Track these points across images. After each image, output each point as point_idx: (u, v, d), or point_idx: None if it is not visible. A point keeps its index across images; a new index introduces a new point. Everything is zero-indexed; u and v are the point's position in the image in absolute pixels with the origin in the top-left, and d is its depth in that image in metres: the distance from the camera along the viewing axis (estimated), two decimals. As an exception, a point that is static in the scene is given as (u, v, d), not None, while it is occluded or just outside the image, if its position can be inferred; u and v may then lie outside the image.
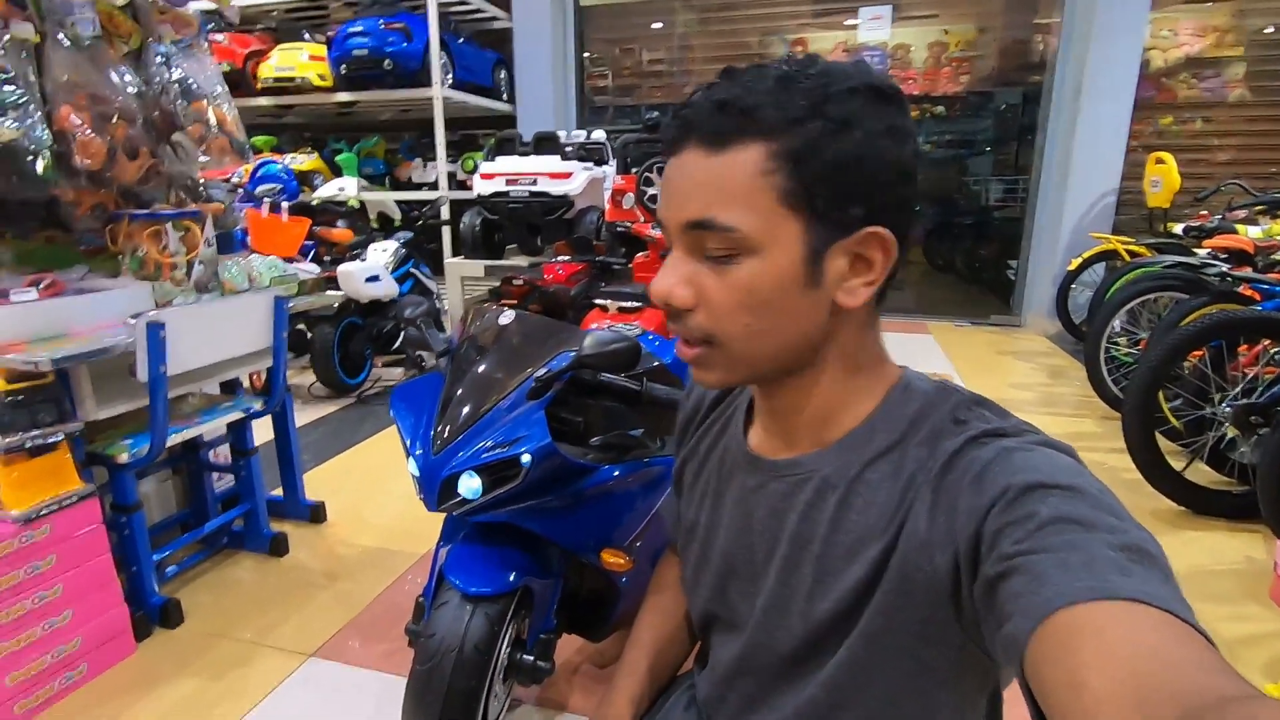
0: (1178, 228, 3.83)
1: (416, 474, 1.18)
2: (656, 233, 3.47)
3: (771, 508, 0.64)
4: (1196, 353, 2.38)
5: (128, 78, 1.73)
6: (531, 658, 1.26)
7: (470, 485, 1.12)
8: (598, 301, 3.18)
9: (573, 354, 1.18)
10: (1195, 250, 3.33)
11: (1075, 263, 4.31)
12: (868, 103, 0.53)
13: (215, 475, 2.21)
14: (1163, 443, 2.36)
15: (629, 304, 3.07)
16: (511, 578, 1.19)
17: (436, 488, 1.14)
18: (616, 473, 1.25)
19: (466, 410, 1.19)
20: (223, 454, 2.19)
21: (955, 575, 0.50)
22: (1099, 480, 0.48)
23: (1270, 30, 4.83)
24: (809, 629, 0.60)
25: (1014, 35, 5.58)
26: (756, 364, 0.60)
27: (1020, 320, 5.39)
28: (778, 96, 0.52)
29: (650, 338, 1.57)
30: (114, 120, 1.67)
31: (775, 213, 0.53)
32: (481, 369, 1.25)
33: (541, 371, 1.20)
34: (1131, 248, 3.97)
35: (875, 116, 0.53)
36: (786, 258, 0.54)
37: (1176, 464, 2.35)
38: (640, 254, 3.72)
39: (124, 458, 1.63)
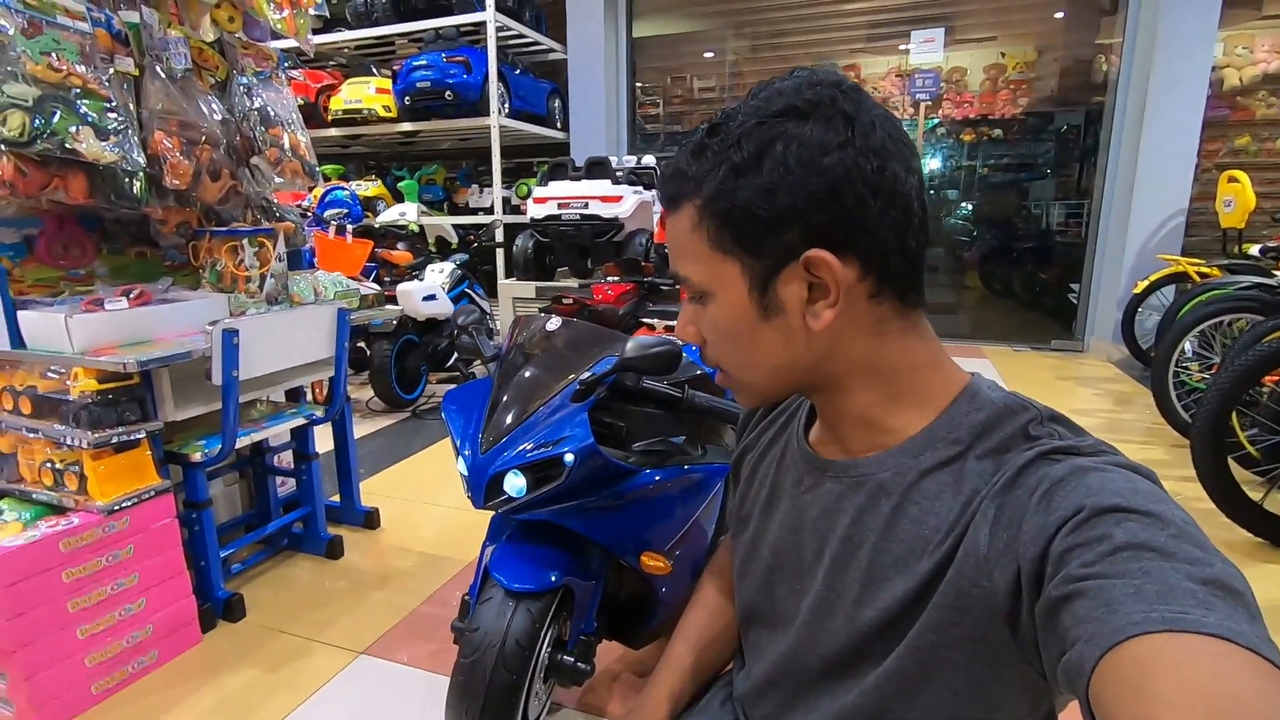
0: (1254, 248, 3.65)
1: (465, 472, 1.23)
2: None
3: (824, 507, 0.63)
4: (1273, 376, 2.26)
5: (214, 106, 1.88)
6: (572, 658, 1.28)
7: (515, 483, 1.16)
8: (645, 320, 3.23)
9: (616, 358, 1.22)
10: (1273, 271, 3.17)
11: (1141, 285, 4.15)
12: (780, 128, 0.53)
13: (278, 480, 2.32)
14: (1238, 471, 2.23)
15: (675, 322, 3.10)
16: (554, 577, 1.21)
17: (483, 485, 1.18)
18: (657, 477, 1.26)
19: (513, 412, 1.23)
20: (285, 460, 2.30)
21: (1015, 595, 0.48)
22: (1184, 510, 0.45)
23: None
24: (853, 634, 0.59)
25: (1074, 56, 5.44)
26: (762, 387, 0.64)
27: (1083, 345, 5.19)
28: (695, 154, 0.57)
29: (694, 348, 1.59)
30: (200, 144, 1.82)
31: (713, 259, 0.58)
32: (528, 373, 1.29)
33: (586, 375, 1.24)
34: (1202, 269, 3.80)
35: (789, 139, 0.53)
36: (734, 296, 0.58)
37: (1254, 493, 2.22)
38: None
39: (198, 456, 1.74)
